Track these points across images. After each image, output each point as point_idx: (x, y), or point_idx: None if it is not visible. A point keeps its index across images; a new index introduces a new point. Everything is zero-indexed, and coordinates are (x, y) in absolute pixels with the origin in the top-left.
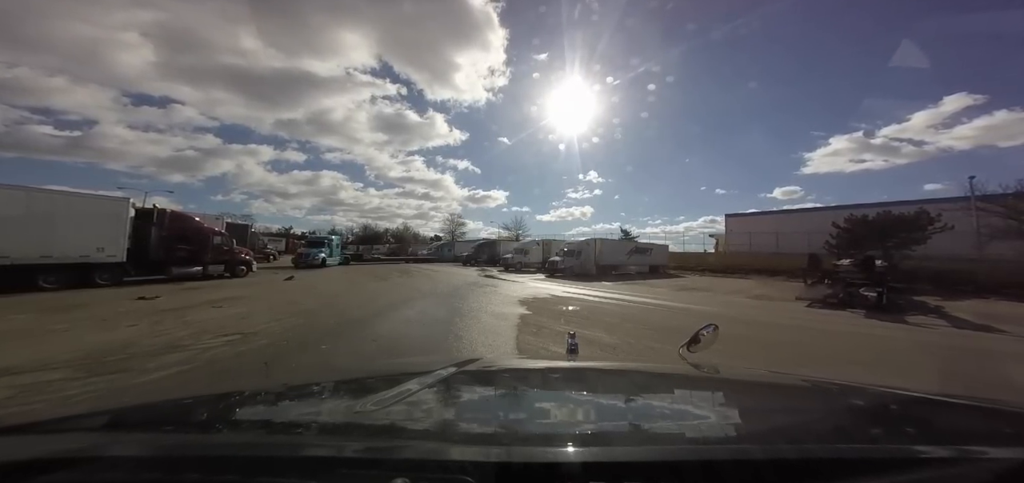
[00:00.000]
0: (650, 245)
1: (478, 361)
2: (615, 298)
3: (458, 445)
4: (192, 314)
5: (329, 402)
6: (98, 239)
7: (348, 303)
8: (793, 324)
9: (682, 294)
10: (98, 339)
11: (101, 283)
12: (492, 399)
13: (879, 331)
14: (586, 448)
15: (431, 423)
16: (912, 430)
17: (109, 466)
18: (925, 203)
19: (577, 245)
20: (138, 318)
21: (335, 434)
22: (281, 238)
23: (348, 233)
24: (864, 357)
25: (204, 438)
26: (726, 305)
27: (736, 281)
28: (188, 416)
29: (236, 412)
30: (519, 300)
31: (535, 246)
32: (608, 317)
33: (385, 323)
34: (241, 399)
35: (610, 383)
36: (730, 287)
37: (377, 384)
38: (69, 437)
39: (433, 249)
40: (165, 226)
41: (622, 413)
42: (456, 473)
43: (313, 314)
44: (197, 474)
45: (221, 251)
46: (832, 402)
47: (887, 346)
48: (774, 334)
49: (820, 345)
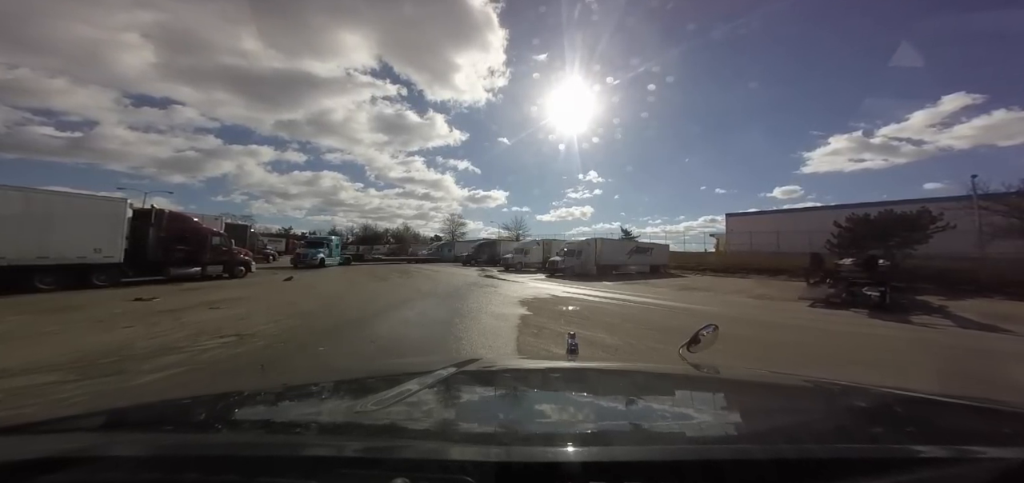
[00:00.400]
0: (651, 245)
1: (478, 361)
2: (616, 298)
3: (458, 445)
4: (189, 315)
5: (329, 402)
6: (95, 240)
7: (347, 304)
8: (795, 324)
9: (683, 294)
10: (93, 341)
11: (98, 284)
12: (492, 399)
13: (883, 331)
14: (586, 448)
15: (431, 423)
16: (912, 430)
17: (109, 466)
18: (927, 202)
19: (577, 245)
20: (134, 320)
21: (335, 434)
22: (281, 238)
23: (348, 233)
24: (868, 357)
25: (204, 438)
26: (728, 305)
27: (737, 281)
28: (188, 416)
29: (236, 412)
30: (519, 300)
31: (535, 246)
32: (609, 317)
33: (384, 324)
34: (241, 399)
35: (610, 383)
36: (731, 287)
37: (377, 384)
38: (68, 437)
39: (433, 249)
40: (163, 227)
41: (622, 413)
42: (456, 473)
43: (311, 315)
44: (197, 474)
45: (220, 252)
46: (832, 402)
47: (891, 346)
48: (776, 334)
49: (823, 345)
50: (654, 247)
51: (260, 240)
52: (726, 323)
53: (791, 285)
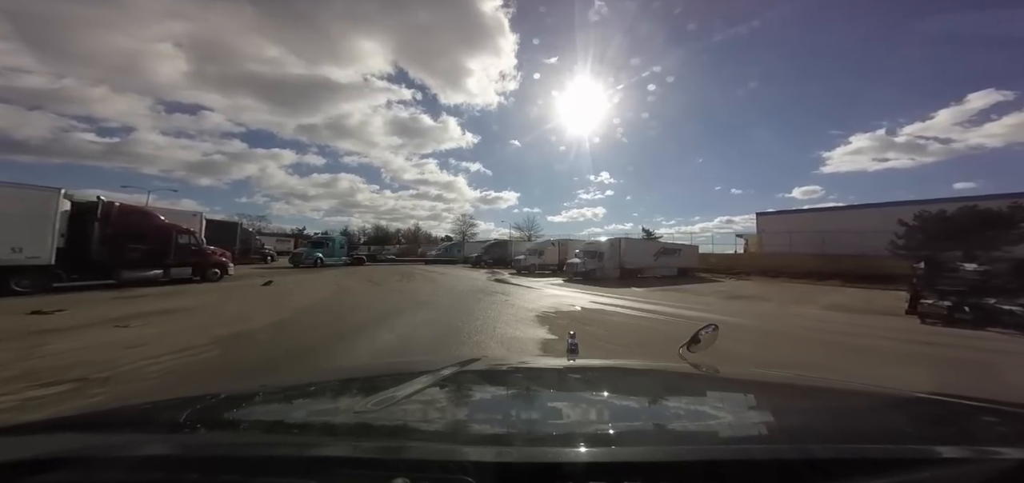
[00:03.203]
0: (678, 246)
1: (479, 361)
2: (663, 312)
3: (458, 445)
4: (72, 338)
5: (329, 402)
6: (15, 238)
7: (317, 321)
8: (945, 355)
9: (736, 305)
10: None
11: (20, 291)
12: (492, 399)
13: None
14: (586, 448)
15: (432, 423)
16: (912, 430)
17: (108, 466)
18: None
19: (599, 245)
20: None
21: (335, 434)
22: (290, 239)
23: (361, 233)
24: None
25: (204, 438)
26: (811, 320)
27: (792, 286)
28: (187, 416)
29: (236, 412)
30: (537, 316)
31: (550, 246)
32: (670, 343)
33: (352, 353)
34: (241, 399)
35: (610, 383)
36: (789, 294)
37: (377, 384)
38: (68, 437)
39: (441, 249)
40: (111, 222)
41: (622, 413)
42: (456, 473)
43: (249, 342)
44: (196, 474)
45: (188, 252)
46: (832, 402)
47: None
48: (934, 371)
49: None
50: (682, 248)
51: (256, 239)
52: (837, 352)
53: (863, 293)
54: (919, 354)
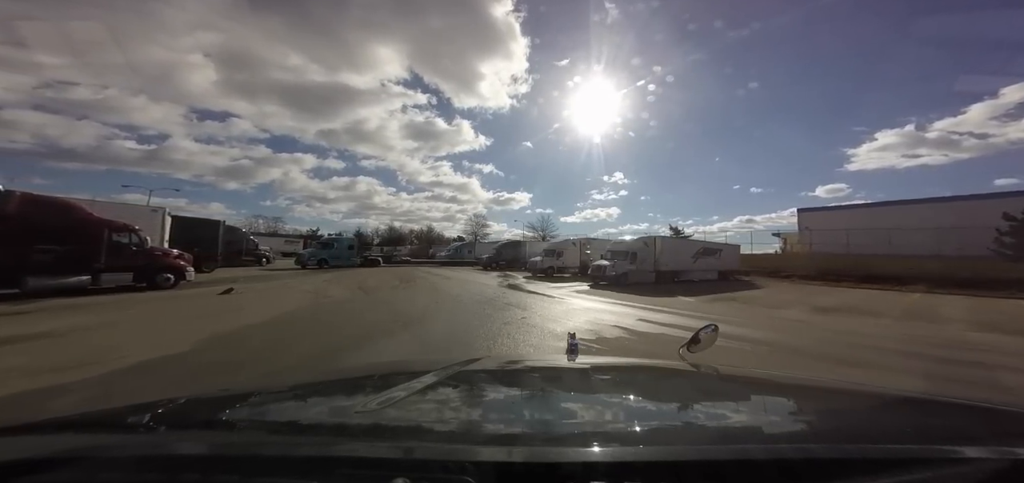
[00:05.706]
0: (719, 245)
1: (479, 360)
2: (755, 340)
3: (458, 445)
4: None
5: (329, 402)
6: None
7: (240, 354)
8: None
9: (833, 320)
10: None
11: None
12: (492, 399)
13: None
14: (586, 448)
15: (431, 423)
16: (912, 430)
17: (107, 466)
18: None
19: (631, 245)
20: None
21: (335, 434)
22: (299, 240)
23: (375, 234)
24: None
25: (203, 438)
26: (994, 352)
27: (868, 292)
28: (187, 416)
29: (236, 412)
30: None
31: (571, 246)
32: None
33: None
34: (241, 399)
35: (610, 383)
36: (885, 303)
37: (378, 383)
38: (67, 437)
39: (451, 250)
40: (9, 216)
41: (622, 413)
42: (456, 473)
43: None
44: (196, 474)
45: (127, 254)
46: (832, 402)
47: None
48: None
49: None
50: (723, 248)
51: (251, 240)
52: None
53: (982, 303)
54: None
